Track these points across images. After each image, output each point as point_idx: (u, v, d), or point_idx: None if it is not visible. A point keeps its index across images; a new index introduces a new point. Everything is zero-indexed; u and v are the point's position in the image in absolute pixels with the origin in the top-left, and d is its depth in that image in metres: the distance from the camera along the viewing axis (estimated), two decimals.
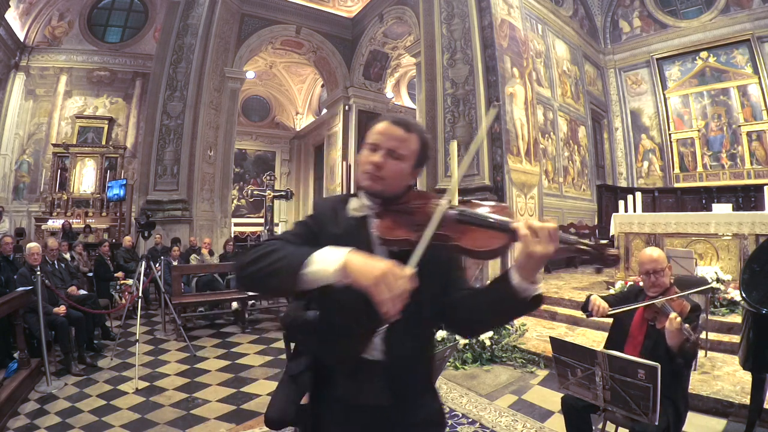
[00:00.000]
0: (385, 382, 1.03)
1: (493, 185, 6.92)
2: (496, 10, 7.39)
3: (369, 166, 1.04)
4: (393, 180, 1.04)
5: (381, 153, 1.04)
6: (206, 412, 3.21)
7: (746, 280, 2.38)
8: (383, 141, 1.05)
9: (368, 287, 0.79)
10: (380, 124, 1.09)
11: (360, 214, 1.08)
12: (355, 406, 1.04)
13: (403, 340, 1.03)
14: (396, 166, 1.04)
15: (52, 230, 10.18)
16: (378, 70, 12.91)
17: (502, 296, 0.94)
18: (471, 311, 1.04)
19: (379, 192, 1.05)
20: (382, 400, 1.03)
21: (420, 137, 1.08)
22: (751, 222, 4.98)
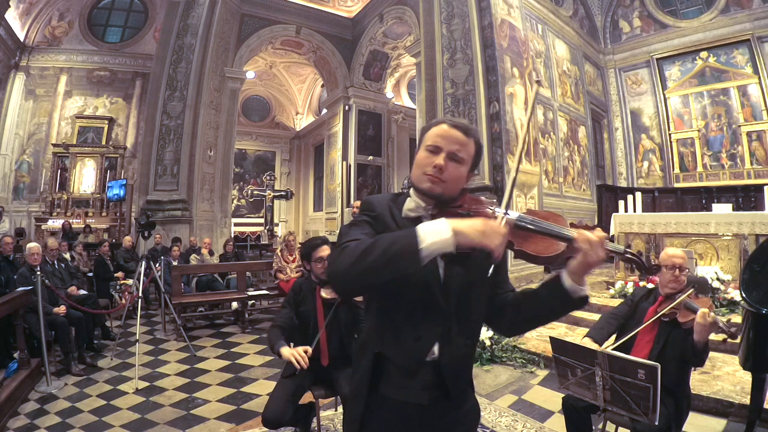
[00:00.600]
0: (433, 381, 1.07)
1: (493, 185, 6.92)
2: (496, 10, 7.39)
3: (431, 169, 1.05)
4: (452, 183, 1.06)
5: (443, 156, 1.05)
6: (206, 412, 3.21)
7: (746, 280, 2.38)
8: (444, 144, 1.06)
9: (482, 241, 0.88)
10: (440, 126, 1.09)
11: (415, 214, 1.10)
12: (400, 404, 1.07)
13: (457, 339, 1.08)
14: (456, 169, 1.06)
15: (52, 230, 10.19)
16: (378, 70, 12.92)
17: (555, 297, 1.02)
18: (521, 311, 1.11)
19: (438, 195, 1.06)
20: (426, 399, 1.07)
21: (476, 141, 1.11)
22: (751, 222, 4.98)
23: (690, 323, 1.98)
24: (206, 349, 4.89)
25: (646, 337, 2.13)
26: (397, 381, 1.06)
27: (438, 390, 1.07)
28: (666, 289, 2.21)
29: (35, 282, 3.81)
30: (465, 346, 1.11)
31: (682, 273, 2.18)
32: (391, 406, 1.07)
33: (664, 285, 2.22)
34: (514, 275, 6.69)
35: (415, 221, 1.06)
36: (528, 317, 1.11)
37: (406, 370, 1.06)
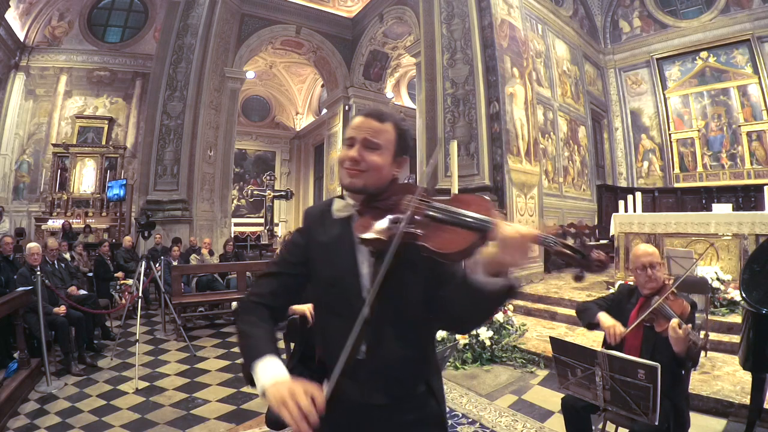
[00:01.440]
0: (374, 382, 1.03)
1: (493, 185, 6.92)
2: (496, 10, 7.39)
3: (347, 162, 1.02)
4: (373, 173, 1.01)
5: (357, 146, 1.02)
6: (206, 412, 3.21)
7: (746, 280, 2.38)
8: (357, 134, 1.03)
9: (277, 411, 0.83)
10: (356, 118, 1.07)
11: (344, 214, 1.06)
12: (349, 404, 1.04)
13: (389, 341, 1.02)
14: (373, 157, 1.01)
15: (52, 230, 10.19)
16: (378, 70, 12.91)
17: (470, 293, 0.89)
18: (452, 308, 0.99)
19: (360, 188, 1.02)
20: (372, 399, 1.03)
21: (396, 125, 1.06)
22: (751, 222, 4.98)
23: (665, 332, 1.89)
24: (206, 349, 4.89)
25: (633, 343, 2.06)
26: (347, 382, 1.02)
27: (383, 392, 1.03)
28: (644, 290, 2.13)
29: (35, 282, 3.81)
30: (401, 348, 1.03)
31: (654, 270, 2.08)
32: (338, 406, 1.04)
33: (642, 286, 2.15)
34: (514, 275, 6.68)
35: (345, 222, 1.05)
36: (458, 314, 1.00)
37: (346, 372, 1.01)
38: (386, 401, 1.03)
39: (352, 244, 1.03)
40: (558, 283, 6.85)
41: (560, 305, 5.61)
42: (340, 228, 1.06)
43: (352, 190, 1.04)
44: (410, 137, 1.11)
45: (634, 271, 2.17)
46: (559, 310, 5.43)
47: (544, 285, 6.78)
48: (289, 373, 1.31)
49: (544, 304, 5.80)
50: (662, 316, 1.95)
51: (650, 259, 2.10)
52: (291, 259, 1.11)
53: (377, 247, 0.93)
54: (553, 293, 6.00)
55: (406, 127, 1.10)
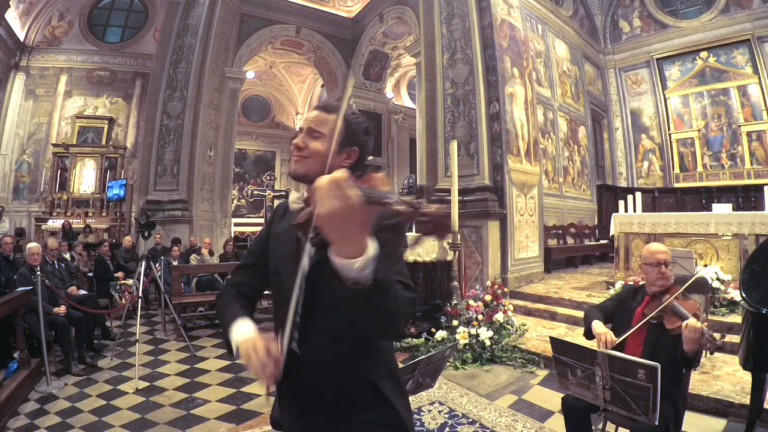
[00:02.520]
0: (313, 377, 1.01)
1: (493, 185, 6.92)
2: (496, 10, 7.38)
3: (293, 149, 1.07)
4: (314, 160, 1.04)
5: (301, 135, 1.07)
6: (206, 412, 3.21)
7: (746, 280, 2.38)
8: (305, 124, 1.09)
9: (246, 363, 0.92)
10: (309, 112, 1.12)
11: (298, 205, 1.07)
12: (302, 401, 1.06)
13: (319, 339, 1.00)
14: (315, 144, 1.05)
15: (52, 230, 10.19)
16: (378, 70, 12.91)
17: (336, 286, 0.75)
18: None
19: (302, 174, 1.05)
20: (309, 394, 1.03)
21: (345, 117, 1.04)
22: (751, 222, 4.98)
23: (678, 330, 1.89)
24: (206, 349, 4.89)
25: (635, 341, 2.07)
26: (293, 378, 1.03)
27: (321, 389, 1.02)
28: (653, 288, 2.13)
29: (35, 282, 3.81)
30: (333, 344, 0.98)
31: (667, 268, 2.11)
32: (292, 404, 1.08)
33: (651, 283, 2.15)
34: (514, 275, 6.69)
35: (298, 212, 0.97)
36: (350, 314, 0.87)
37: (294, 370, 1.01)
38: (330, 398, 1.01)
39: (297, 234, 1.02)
40: (558, 283, 6.85)
41: (560, 305, 5.61)
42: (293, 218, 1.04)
43: (295, 176, 1.07)
44: (360, 129, 1.09)
45: (646, 267, 2.17)
46: (559, 310, 5.43)
47: (544, 285, 6.78)
48: None
49: (544, 304, 5.80)
50: (674, 314, 1.96)
51: (665, 256, 2.13)
52: (255, 249, 1.21)
53: (304, 231, 0.89)
54: (553, 293, 6.01)
55: (355, 120, 1.09)
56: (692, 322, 1.82)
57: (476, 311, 4.33)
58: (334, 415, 1.02)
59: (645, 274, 2.20)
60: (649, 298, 2.13)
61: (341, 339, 0.98)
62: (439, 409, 3.17)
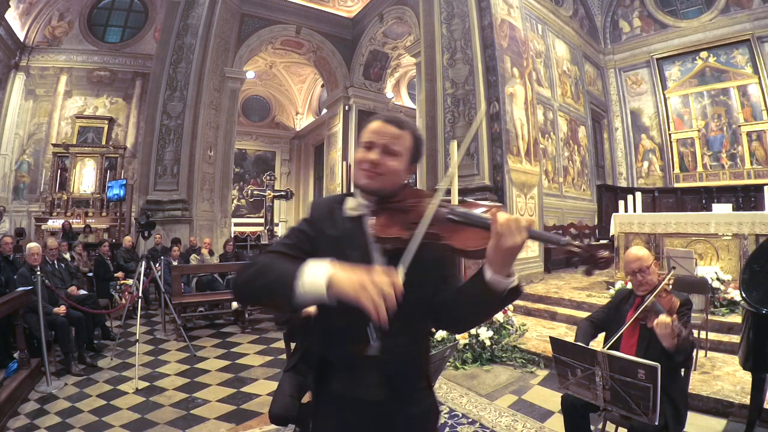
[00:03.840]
0: (381, 378, 1.05)
1: (493, 185, 6.92)
2: (496, 10, 7.39)
3: (366, 164, 1.06)
4: (389, 177, 1.06)
5: (377, 150, 1.06)
6: (206, 412, 3.21)
7: (746, 280, 2.38)
8: (378, 139, 1.07)
9: (353, 297, 0.80)
10: (373, 123, 1.10)
11: (356, 213, 1.09)
12: (352, 401, 1.06)
13: (397, 337, 1.02)
14: (391, 162, 1.06)
15: (52, 230, 10.19)
16: (378, 70, 12.92)
17: (479, 293, 0.93)
18: (456, 309, 1.05)
19: (376, 190, 1.06)
20: (377, 396, 1.05)
21: (413, 134, 1.11)
22: (751, 222, 4.98)
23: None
24: (206, 349, 4.89)
25: (629, 341, 2.12)
26: (346, 378, 1.06)
27: (388, 388, 1.06)
28: (639, 292, 2.20)
29: (35, 282, 3.81)
30: (406, 344, 1.07)
31: (644, 274, 2.15)
32: (342, 403, 1.07)
33: (636, 289, 2.22)
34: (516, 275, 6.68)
35: (356, 220, 1.08)
36: (464, 315, 1.06)
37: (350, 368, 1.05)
38: (394, 397, 1.06)
39: (365, 243, 1.06)
40: (558, 283, 6.85)
41: (560, 305, 5.61)
42: (352, 225, 1.08)
43: (368, 191, 1.07)
44: (423, 145, 1.15)
45: (627, 275, 2.25)
46: (559, 310, 5.43)
47: (544, 285, 6.78)
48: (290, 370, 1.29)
49: (544, 304, 5.80)
50: (653, 312, 2.00)
51: (639, 264, 2.16)
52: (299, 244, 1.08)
53: (396, 245, 0.97)
54: (553, 293, 6.01)
55: (421, 136, 1.15)
56: (660, 319, 1.87)
57: None
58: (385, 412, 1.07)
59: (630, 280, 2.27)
60: (639, 300, 2.19)
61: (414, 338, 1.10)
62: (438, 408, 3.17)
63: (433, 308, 1.08)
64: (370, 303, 0.78)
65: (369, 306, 0.78)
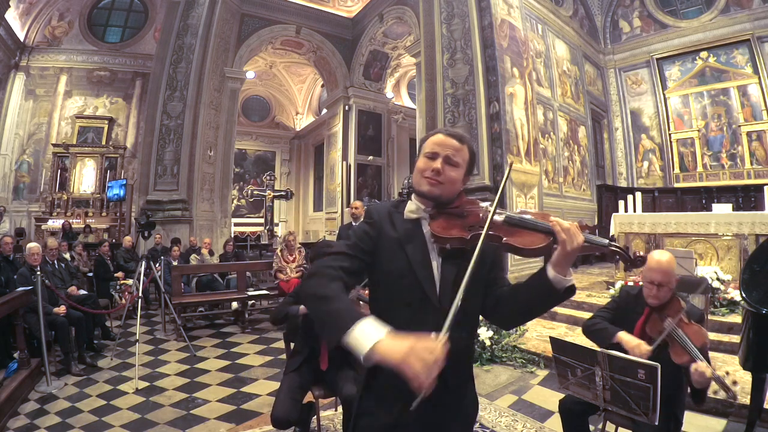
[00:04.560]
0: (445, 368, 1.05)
1: (493, 185, 6.92)
2: (496, 10, 7.38)
3: (429, 172, 1.16)
4: (449, 185, 1.17)
5: (440, 160, 1.16)
6: (206, 412, 3.21)
7: (746, 280, 2.38)
8: (441, 150, 1.18)
9: (397, 365, 0.84)
10: (437, 135, 1.21)
11: (415, 216, 1.20)
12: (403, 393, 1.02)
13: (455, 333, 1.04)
14: (452, 172, 1.18)
15: (52, 230, 10.19)
16: (378, 70, 12.92)
17: (541, 289, 1.07)
18: (513, 304, 1.17)
19: (437, 196, 1.17)
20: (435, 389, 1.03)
21: (470, 148, 1.23)
22: (751, 222, 4.98)
23: (686, 364, 1.78)
24: (206, 349, 4.89)
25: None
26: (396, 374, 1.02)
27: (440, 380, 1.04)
28: (649, 300, 2.02)
29: (35, 282, 3.81)
30: (461, 339, 1.13)
31: (660, 291, 1.97)
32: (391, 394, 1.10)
33: (647, 295, 2.04)
34: (515, 275, 6.69)
35: (416, 222, 1.20)
36: (520, 310, 1.17)
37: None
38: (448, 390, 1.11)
39: (423, 241, 1.17)
40: None
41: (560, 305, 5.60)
42: (411, 227, 1.20)
43: (430, 197, 1.18)
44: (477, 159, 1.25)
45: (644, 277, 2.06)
46: (559, 310, 5.43)
47: None
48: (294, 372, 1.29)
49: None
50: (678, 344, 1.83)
51: (661, 278, 1.96)
52: (363, 246, 1.18)
53: (456, 245, 1.11)
54: None
55: (476, 151, 1.30)
56: (701, 367, 1.70)
57: None
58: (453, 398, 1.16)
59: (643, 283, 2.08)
60: (649, 310, 2.03)
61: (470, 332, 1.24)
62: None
63: (488, 305, 1.21)
64: (413, 375, 0.82)
65: (411, 377, 0.83)
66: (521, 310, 1.18)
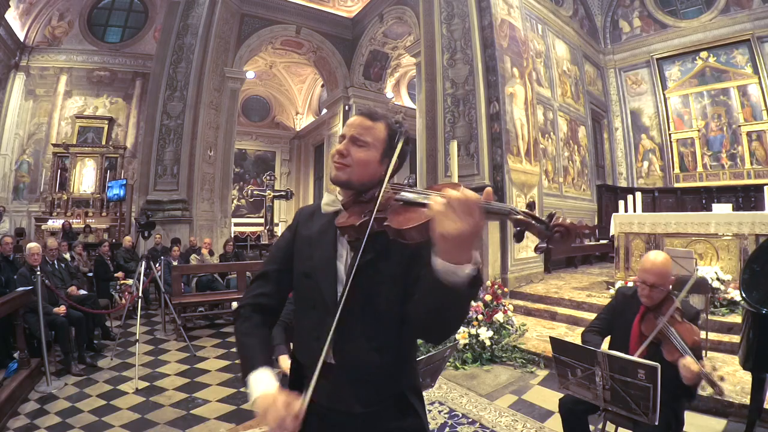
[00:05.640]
0: (345, 388, 0.99)
1: (493, 185, 6.91)
2: (496, 10, 7.38)
3: (335, 156, 1.05)
4: (358, 168, 1.03)
5: (345, 142, 1.06)
6: (206, 412, 3.21)
7: (746, 280, 2.38)
8: (348, 131, 1.07)
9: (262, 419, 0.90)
10: (352, 117, 1.11)
11: (332, 208, 1.09)
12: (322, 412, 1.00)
13: (358, 341, 0.99)
14: (360, 153, 1.04)
15: (52, 230, 10.18)
16: (378, 70, 12.91)
17: (430, 285, 0.80)
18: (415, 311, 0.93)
19: (345, 182, 1.04)
20: (341, 406, 1.00)
21: (387, 125, 1.08)
22: (751, 222, 4.98)
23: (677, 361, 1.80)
24: (206, 349, 4.89)
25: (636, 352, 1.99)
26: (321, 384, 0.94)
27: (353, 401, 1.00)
28: (643, 300, 2.03)
29: (35, 282, 3.81)
30: (372, 349, 0.99)
31: (653, 292, 1.97)
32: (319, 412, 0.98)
33: (641, 295, 2.04)
34: (514, 275, 6.69)
35: (332, 216, 1.08)
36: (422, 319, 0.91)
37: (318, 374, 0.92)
38: (359, 410, 1.00)
39: (334, 237, 1.06)
40: (558, 283, 6.85)
41: (560, 305, 5.61)
42: (326, 222, 1.09)
43: (337, 182, 1.06)
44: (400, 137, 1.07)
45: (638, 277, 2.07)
46: (559, 310, 5.43)
47: (544, 285, 6.78)
48: None
49: (544, 304, 5.80)
50: (670, 342, 1.85)
51: (653, 280, 1.97)
52: (278, 254, 1.16)
53: (351, 234, 0.97)
54: (553, 293, 6.01)
55: (398, 128, 1.10)
56: (688, 362, 1.73)
57: (476, 311, 4.33)
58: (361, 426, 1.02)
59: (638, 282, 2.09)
60: (644, 309, 2.04)
61: (382, 344, 1.01)
62: (439, 409, 3.17)
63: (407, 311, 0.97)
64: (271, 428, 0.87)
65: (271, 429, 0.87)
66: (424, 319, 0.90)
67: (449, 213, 0.71)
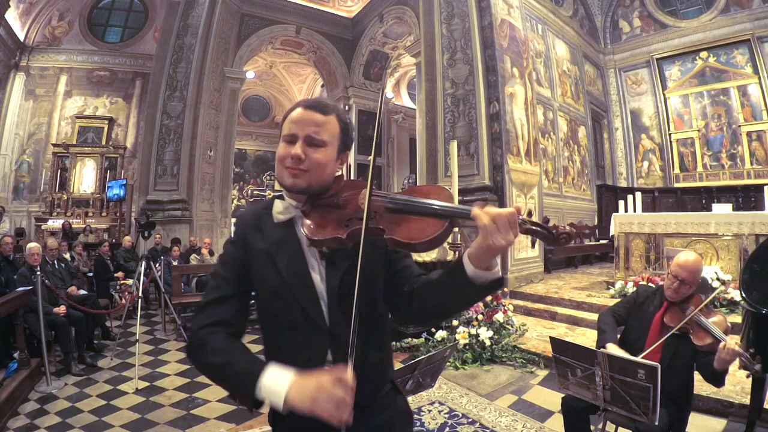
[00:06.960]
0: None
1: (493, 185, 6.92)
2: (496, 10, 7.38)
3: (290, 161, 0.94)
4: (317, 171, 0.94)
5: (299, 144, 0.94)
6: (206, 412, 3.21)
7: (746, 280, 2.38)
8: (300, 129, 0.95)
9: (313, 409, 0.77)
10: (295, 110, 0.98)
11: (286, 217, 0.99)
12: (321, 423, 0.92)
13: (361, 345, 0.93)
14: (317, 155, 0.94)
15: (52, 230, 10.18)
16: (378, 70, 12.91)
17: (460, 288, 0.87)
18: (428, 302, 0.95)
19: (304, 189, 0.95)
20: None
21: (339, 118, 0.99)
22: (751, 222, 4.98)
23: (707, 347, 1.89)
24: None
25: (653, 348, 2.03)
26: None
27: None
28: (668, 294, 2.12)
29: (35, 282, 3.81)
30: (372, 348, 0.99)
31: (682, 287, 2.07)
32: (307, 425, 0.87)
33: (667, 288, 2.14)
34: (514, 275, 6.69)
35: (288, 224, 0.99)
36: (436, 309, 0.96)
37: None
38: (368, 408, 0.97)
39: (298, 248, 0.97)
40: (558, 283, 6.85)
41: (560, 305, 5.61)
42: (283, 232, 0.98)
43: (294, 190, 0.96)
44: (353, 130, 1.03)
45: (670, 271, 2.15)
46: (559, 310, 5.43)
47: (544, 285, 6.78)
48: None
49: (544, 304, 5.80)
50: (701, 330, 1.94)
51: (685, 276, 2.06)
52: (229, 274, 0.99)
53: (332, 246, 0.90)
54: (553, 293, 6.01)
55: (349, 120, 1.04)
56: (731, 345, 1.79)
57: (476, 311, 4.33)
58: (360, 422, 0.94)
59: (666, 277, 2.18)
60: (667, 304, 2.11)
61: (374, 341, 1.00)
62: (439, 409, 3.17)
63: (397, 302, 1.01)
64: (327, 415, 0.76)
65: (326, 417, 0.77)
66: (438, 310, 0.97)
67: (498, 229, 0.78)
